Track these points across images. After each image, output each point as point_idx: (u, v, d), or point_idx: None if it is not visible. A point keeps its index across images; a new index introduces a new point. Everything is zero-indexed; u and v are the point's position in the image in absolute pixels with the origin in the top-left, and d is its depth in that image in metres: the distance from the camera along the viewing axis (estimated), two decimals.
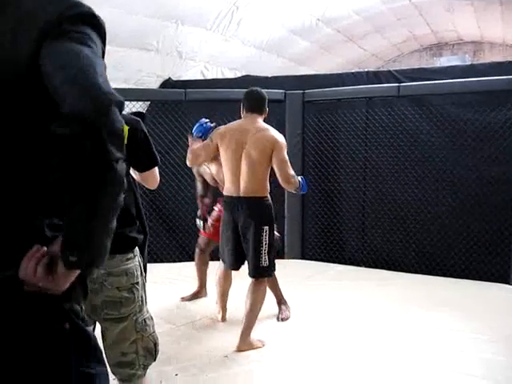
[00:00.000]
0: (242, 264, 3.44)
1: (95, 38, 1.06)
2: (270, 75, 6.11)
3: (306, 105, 5.77)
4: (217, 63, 6.66)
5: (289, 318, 3.86)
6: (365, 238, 5.62)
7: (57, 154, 1.01)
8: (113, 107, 0.96)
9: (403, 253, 5.36)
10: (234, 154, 3.28)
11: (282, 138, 3.31)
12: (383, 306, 4.12)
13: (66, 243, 0.97)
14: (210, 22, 5.80)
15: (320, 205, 5.81)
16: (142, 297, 1.97)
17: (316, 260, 5.77)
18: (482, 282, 4.81)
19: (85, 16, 1.06)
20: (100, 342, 1.96)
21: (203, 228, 4.14)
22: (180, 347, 3.25)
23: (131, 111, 5.24)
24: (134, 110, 5.52)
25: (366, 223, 5.63)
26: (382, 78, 5.62)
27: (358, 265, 5.56)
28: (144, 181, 2.20)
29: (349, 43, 8.33)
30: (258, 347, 3.25)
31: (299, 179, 3.29)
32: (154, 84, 6.01)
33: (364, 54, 9.28)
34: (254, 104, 3.38)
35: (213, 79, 6.44)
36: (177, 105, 5.62)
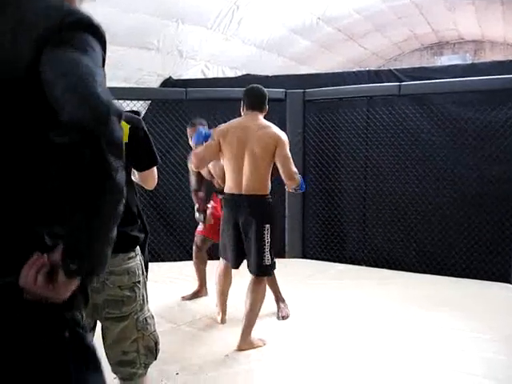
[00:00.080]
0: (242, 262, 3.42)
1: (95, 45, 1.05)
2: (270, 74, 6.11)
3: (307, 104, 5.77)
4: (217, 62, 6.66)
5: (289, 316, 3.86)
6: (365, 237, 5.62)
7: (56, 162, 1.01)
8: (112, 117, 0.96)
9: (404, 252, 5.35)
10: (236, 152, 3.25)
11: (284, 135, 3.30)
12: (384, 305, 4.12)
13: (66, 252, 0.96)
14: (211, 20, 5.81)
15: (321, 204, 5.81)
16: (143, 295, 1.97)
17: (317, 259, 5.77)
18: (483, 282, 4.81)
19: (85, 23, 1.05)
20: (100, 341, 1.98)
21: (204, 220, 4.04)
22: (181, 346, 3.25)
23: (125, 110, 5.20)
24: (132, 109, 5.52)
25: (366, 222, 5.63)
26: (382, 77, 5.62)
27: (359, 264, 5.56)
28: (143, 180, 2.18)
29: (349, 42, 8.32)
30: (259, 346, 3.25)
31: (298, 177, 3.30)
32: (154, 83, 6.02)
33: (365, 53, 9.27)
34: (255, 101, 3.35)
35: (213, 78, 6.44)
36: (177, 104, 5.62)
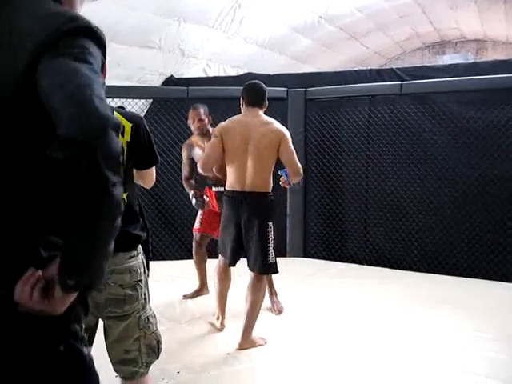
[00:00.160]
0: (238, 260, 3.38)
1: (95, 51, 1.03)
2: (272, 73, 6.11)
3: (309, 103, 5.76)
4: (219, 61, 6.66)
5: (283, 309, 3.90)
6: (367, 236, 5.61)
7: (53, 176, 1.00)
8: (109, 131, 0.94)
9: (405, 251, 5.35)
10: (238, 149, 3.22)
11: (287, 131, 3.30)
12: (385, 304, 4.12)
13: (64, 267, 0.95)
14: (213, 19, 5.81)
15: (322, 203, 5.81)
16: (145, 294, 1.97)
17: (318, 258, 5.77)
18: (485, 281, 4.80)
19: (84, 29, 1.03)
20: (102, 340, 1.98)
21: (202, 206, 3.95)
22: (182, 345, 3.25)
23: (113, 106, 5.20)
24: (125, 107, 5.52)
25: (368, 221, 5.63)
26: (384, 76, 5.62)
27: (360, 263, 5.56)
28: (141, 179, 2.17)
29: (351, 41, 8.32)
30: (260, 345, 3.25)
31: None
32: (156, 81, 6.02)
33: (367, 52, 9.27)
34: (255, 97, 3.32)
35: (215, 77, 6.43)
36: (179, 102, 5.61)
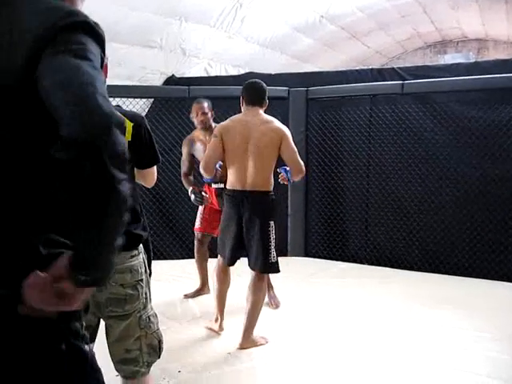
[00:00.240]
0: (237, 259, 3.36)
1: (94, 48, 1.02)
2: (273, 72, 6.10)
3: (310, 102, 5.76)
4: (220, 60, 6.66)
5: (280, 304, 3.93)
6: (368, 236, 5.61)
7: (54, 174, 0.99)
8: (113, 128, 0.93)
9: (406, 250, 5.35)
10: (239, 148, 3.21)
11: (287, 129, 3.30)
12: (386, 303, 4.12)
13: (73, 264, 0.95)
14: (214, 18, 5.81)
15: (323, 202, 5.81)
16: (146, 294, 1.97)
17: (319, 257, 5.77)
18: (486, 280, 4.79)
19: (82, 25, 1.02)
20: (104, 339, 1.98)
21: (201, 201, 3.93)
22: (183, 344, 3.25)
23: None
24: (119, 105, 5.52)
25: (369, 221, 5.63)
26: (385, 76, 5.61)
27: (361, 262, 5.56)
28: (142, 178, 2.17)
29: (352, 40, 8.31)
30: (261, 344, 3.25)
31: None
32: (157, 81, 6.02)
33: (368, 52, 9.26)
34: (255, 96, 3.31)
35: (216, 76, 6.43)
36: (180, 102, 5.61)
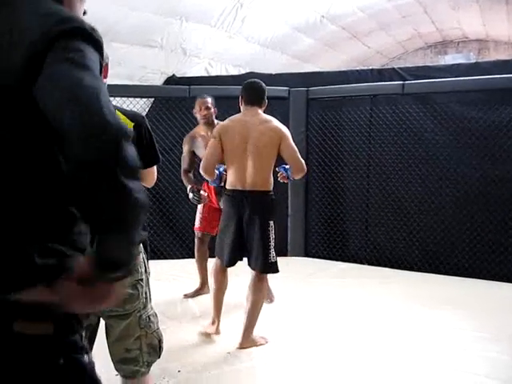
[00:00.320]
0: (237, 261, 3.34)
1: (93, 54, 0.99)
2: (274, 72, 6.10)
3: (310, 102, 5.77)
4: (221, 60, 6.66)
5: (274, 298, 3.98)
6: (368, 236, 5.61)
7: (57, 179, 0.99)
8: (122, 143, 0.91)
9: (406, 251, 5.35)
10: (238, 148, 3.21)
11: (286, 128, 3.30)
12: (386, 303, 4.12)
13: (104, 267, 0.95)
14: (215, 18, 5.81)
15: (323, 202, 5.81)
16: (146, 293, 1.97)
17: (319, 257, 5.77)
18: (486, 281, 4.79)
19: (81, 31, 0.99)
20: (102, 339, 1.98)
21: (199, 200, 3.95)
22: (183, 344, 3.25)
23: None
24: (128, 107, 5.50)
25: (369, 221, 5.63)
26: (386, 76, 5.62)
27: (361, 262, 5.56)
28: (142, 178, 2.17)
29: (353, 40, 8.31)
30: (261, 344, 3.24)
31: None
32: (157, 81, 6.02)
33: (368, 52, 9.26)
34: (254, 96, 3.31)
35: (217, 76, 6.44)
36: (181, 101, 5.62)
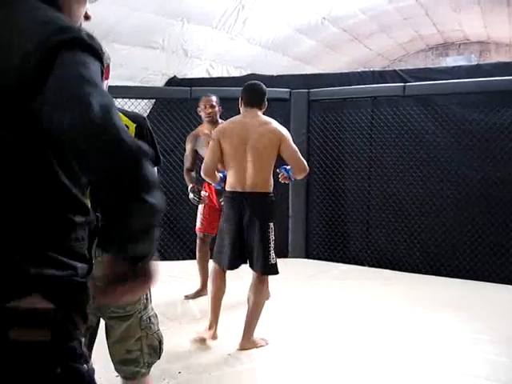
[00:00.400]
0: (243, 263, 3.31)
1: (95, 65, 0.95)
2: (275, 74, 6.11)
3: (312, 104, 5.77)
4: (222, 61, 6.67)
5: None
6: (369, 238, 5.61)
7: (55, 184, 0.97)
8: (142, 162, 0.89)
9: (407, 253, 5.35)
10: (237, 149, 3.20)
11: (286, 130, 3.30)
12: (387, 305, 4.12)
13: (136, 261, 0.96)
14: (216, 20, 5.82)
15: (324, 204, 5.81)
16: (146, 294, 1.98)
17: (320, 259, 5.77)
18: (487, 283, 4.79)
19: (80, 41, 0.94)
20: (102, 340, 1.99)
21: (198, 200, 4.00)
22: (183, 345, 3.25)
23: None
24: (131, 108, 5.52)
25: (370, 223, 5.63)
26: (387, 78, 5.63)
27: (362, 264, 5.56)
28: None
29: (354, 42, 8.31)
30: (261, 346, 3.25)
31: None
32: (159, 82, 6.03)
33: (370, 54, 9.26)
34: (254, 98, 3.30)
35: (218, 77, 6.44)
36: (182, 103, 5.62)
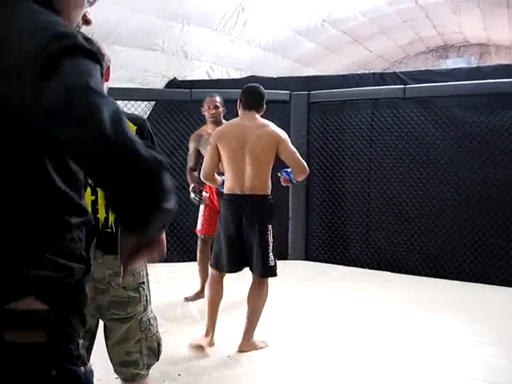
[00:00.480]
0: (243, 266, 3.28)
1: (96, 70, 0.91)
2: (275, 76, 6.12)
3: (312, 106, 5.77)
4: (222, 63, 6.67)
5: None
6: (369, 240, 5.61)
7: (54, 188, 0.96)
8: (161, 175, 0.88)
9: (407, 255, 5.35)
10: (236, 152, 3.20)
11: (283, 132, 3.29)
12: (387, 307, 4.11)
13: (152, 237, 0.99)
14: (216, 22, 5.82)
15: (324, 206, 5.81)
16: (146, 296, 1.98)
17: (320, 261, 5.77)
18: (487, 285, 4.79)
19: (81, 47, 0.90)
20: (102, 342, 1.98)
21: (199, 201, 4.01)
22: (183, 347, 3.24)
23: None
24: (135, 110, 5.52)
25: (370, 225, 5.63)
26: (387, 80, 5.63)
27: (362, 266, 5.55)
28: None
29: (354, 45, 8.32)
30: (261, 348, 3.25)
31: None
32: (159, 84, 6.03)
33: (370, 56, 9.27)
34: (253, 101, 3.29)
35: (218, 79, 6.45)
36: (182, 105, 5.63)
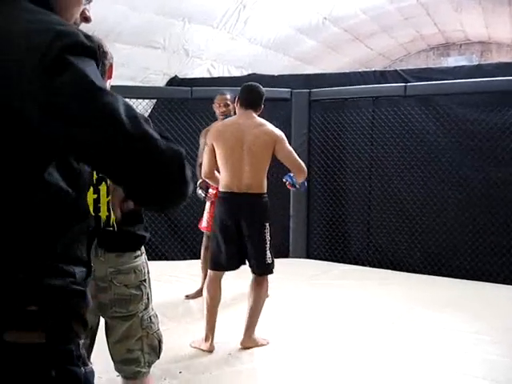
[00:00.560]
0: (241, 264, 3.29)
1: (95, 67, 0.88)
2: (276, 74, 6.12)
3: (313, 104, 5.77)
4: (223, 61, 6.67)
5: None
6: (370, 238, 5.61)
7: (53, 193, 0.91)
8: (183, 167, 0.86)
9: (408, 253, 5.35)
10: (233, 151, 3.18)
11: (281, 132, 3.28)
12: (387, 305, 4.12)
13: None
14: (217, 20, 5.82)
15: (325, 204, 5.81)
16: (148, 294, 1.98)
17: (321, 259, 5.77)
18: (488, 284, 4.79)
19: (82, 45, 0.87)
20: (103, 340, 1.99)
21: (205, 197, 4.04)
22: (184, 345, 3.26)
23: None
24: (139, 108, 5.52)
25: (371, 223, 5.63)
26: (388, 78, 5.63)
27: (363, 264, 5.56)
28: None
29: (355, 42, 8.31)
30: (262, 345, 3.25)
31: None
32: (160, 82, 6.03)
33: (371, 54, 9.26)
34: (251, 100, 3.27)
35: (219, 77, 6.44)
36: (183, 103, 5.63)
